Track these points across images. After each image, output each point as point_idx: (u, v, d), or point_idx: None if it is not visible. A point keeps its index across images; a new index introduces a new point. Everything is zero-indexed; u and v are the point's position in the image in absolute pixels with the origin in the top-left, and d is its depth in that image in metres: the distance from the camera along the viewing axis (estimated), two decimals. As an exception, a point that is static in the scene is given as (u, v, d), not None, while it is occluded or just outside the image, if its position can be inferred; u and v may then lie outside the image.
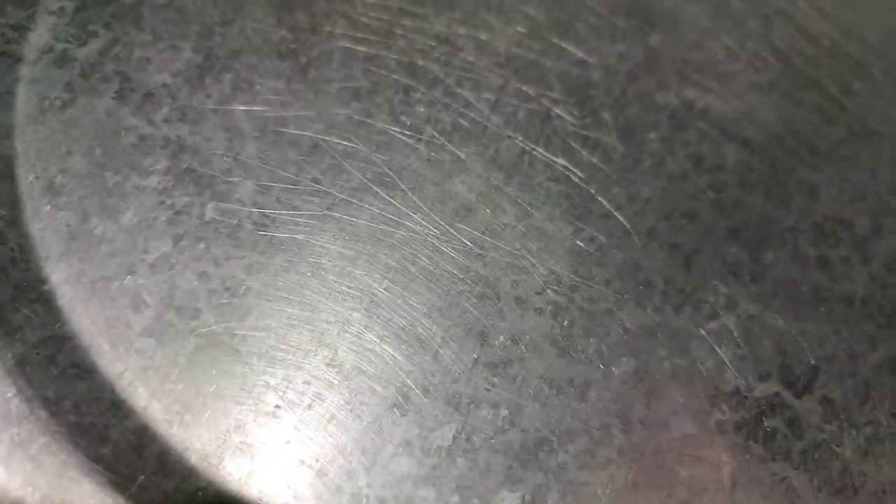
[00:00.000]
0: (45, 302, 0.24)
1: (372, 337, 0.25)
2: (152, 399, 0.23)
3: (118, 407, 0.23)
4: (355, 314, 0.25)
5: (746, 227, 0.30)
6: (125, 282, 0.25)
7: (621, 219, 0.29)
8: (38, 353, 0.23)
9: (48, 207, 0.26)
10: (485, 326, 0.26)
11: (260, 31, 0.31)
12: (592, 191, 0.29)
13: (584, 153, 0.30)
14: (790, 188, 0.31)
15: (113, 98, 0.29)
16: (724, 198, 0.30)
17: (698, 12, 0.36)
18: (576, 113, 0.31)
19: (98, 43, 0.30)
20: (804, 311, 0.28)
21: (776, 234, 0.29)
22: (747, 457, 0.26)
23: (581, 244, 0.28)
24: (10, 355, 0.22)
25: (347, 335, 0.25)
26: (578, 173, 0.30)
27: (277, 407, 0.24)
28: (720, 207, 0.30)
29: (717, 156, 0.31)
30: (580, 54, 0.33)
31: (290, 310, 0.25)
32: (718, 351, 0.27)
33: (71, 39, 0.30)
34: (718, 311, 0.28)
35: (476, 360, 0.25)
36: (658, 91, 0.33)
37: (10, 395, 0.22)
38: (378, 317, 0.25)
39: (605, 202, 0.29)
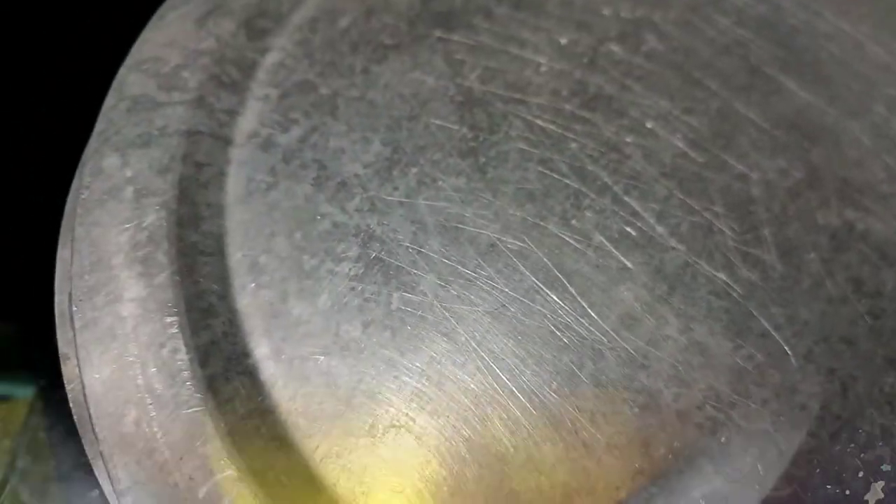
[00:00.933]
0: (251, 375, 0.27)
1: (539, 437, 0.27)
2: (340, 477, 0.25)
3: (311, 482, 0.25)
4: (525, 414, 0.27)
5: (904, 357, 0.30)
6: (318, 362, 0.27)
7: (779, 339, 0.30)
8: (245, 425, 0.25)
9: (253, 285, 0.29)
10: (646, 437, 0.27)
11: (443, 128, 0.33)
12: (751, 308, 0.30)
13: (744, 270, 0.31)
14: (950, 320, 0.31)
15: (311, 185, 0.31)
16: (883, 325, 0.31)
17: (859, 130, 0.36)
18: (736, 228, 0.32)
19: (298, 130, 0.33)
20: (962, 450, 0.28)
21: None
22: None
23: (740, 361, 0.29)
24: (223, 425, 0.25)
25: (518, 434, 0.27)
26: (738, 290, 0.31)
27: (453, 495, 0.26)
28: (878, 334, 0.31)
29: (877, 281, 0.32)
30: (742, 168, 0.34)
31: (465, 401, 0.27)
32: (873, 482, 0.27)
33: (275, 126, 0.33)
34: (875, 442, 0.28)
35: (637, 469, 0.26)
36: (818, 210, 0.33)
37: (222, 463, 0.24)
38: (547, 419, 0.27)
39: (763, 321, 0.30)
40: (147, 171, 0.30)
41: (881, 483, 0.27)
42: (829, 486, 0.28)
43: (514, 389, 0.28)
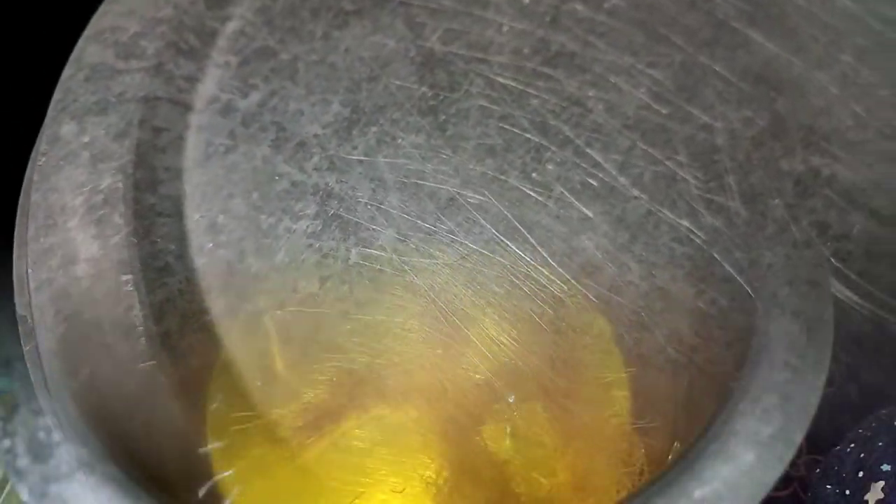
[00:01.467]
0: (207, 331, 0.26)
1: (498, 384, 0.27)
2: (295, 428, 0.25)
3: (266, 432, 0.25)
4: (485, 361, 0.27)
5: (872, 298, 0.30)
6: (276, 317, 0.27)
7: (743, 283, 0.29)
8: (200, 378, 0.25)
9: (210, 245, 0.29)
10: (608, 381, 0.27)
11: (403, 87, 0.33)
12: (715, 254, 0.30)
13: (707, 216, 0.31)
14: (919, 260, 0.31)
15: (269, 146, 0.31)
16: (849, 267, 0.31)
17: (827, 80, 0.36)
18: (700, 176, 0.32)
19: (258, 95, 0.33)
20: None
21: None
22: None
23: (703, 306, 0.29)
24: (177, 378, 0.25)
25: (475, 379, 0.26)
26: (702, 236, 0.30)
27: (410, 452, 0.25)
28: (845, 277, 0.30)
29: (843, 224, 0.31)
30: (706, 119, 0.34)
31: (424, 351, 0.27)
32: (873, 482, 0.27)
33: (235, 91, 0.33)
34: (842, 382, 0.28)
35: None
36: (783, 157, 0.33)
37: (176, 412, 0.24)
38: (505, 365, 0.27)
39: (727, 266, 0.30)
40: (104, 136, 0.30)
41: (881, 483, 0.27)
42: (829, 486, 0.27)
43: (473, 338, 0.27)
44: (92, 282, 0.27)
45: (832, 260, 0.31)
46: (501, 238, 0.29)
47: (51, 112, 0.31)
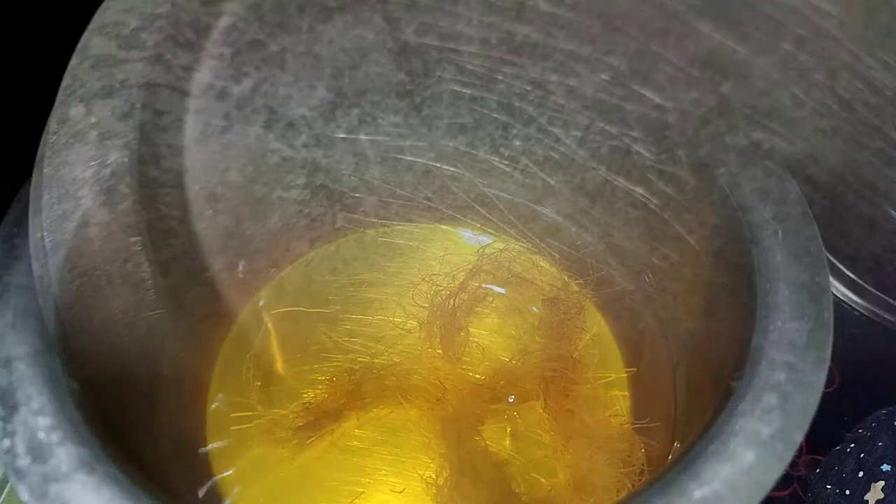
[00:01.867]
0: (209, 286, 0.29)
1: (473, 330, 0.30)
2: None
3: (262, 367, 0.28)
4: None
5: (807, 255, 0.33)
6: (269, 273, 0.30)
7: (692, 241, 0.33)
8: (203, 325, 0.28)
9: (210, 212, 0.31)
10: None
11: (382, 74, 0.37)
12: (666, 216, 0.33)
13: (659, 184, 0.34)
14: (849, 221, 0.34)
15: (262, 126, 0.34)
16: (787, 227, 0.34)
17: (768, 65, 0.40)
18: (653, 150, 0.35)
19: (250, 82, 0.36)
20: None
21: (835, 261, 0.33)
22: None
23: (656, 261, 0.32)
24: (182, 325, 0.28)
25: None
26: (655, 201, 0.34)
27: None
28: (783, 235, 0.34)
29: (781, 191, 0.35)
30: (658, 100, 0.37)
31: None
32: (873, 482, 0.29)
33: (228, 79, 0.36)
34: (779, 324, 0.31)
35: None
36: (728, 133, 0.36)
37: (182, 355, 0.27)
38: (478, 314, 0.30)
39: (677, 226, 0.33)
40: (110, 117, 0.33)
41: (881, 483, 0.27)
42: (829, 486, 0.29)
43: (448, 291, 0.30)
44: (103, 242, 0.30)
45: (772, 222, 0.34)
46: (472, 203, 0.32)
47: (60, 96, 0.34)
